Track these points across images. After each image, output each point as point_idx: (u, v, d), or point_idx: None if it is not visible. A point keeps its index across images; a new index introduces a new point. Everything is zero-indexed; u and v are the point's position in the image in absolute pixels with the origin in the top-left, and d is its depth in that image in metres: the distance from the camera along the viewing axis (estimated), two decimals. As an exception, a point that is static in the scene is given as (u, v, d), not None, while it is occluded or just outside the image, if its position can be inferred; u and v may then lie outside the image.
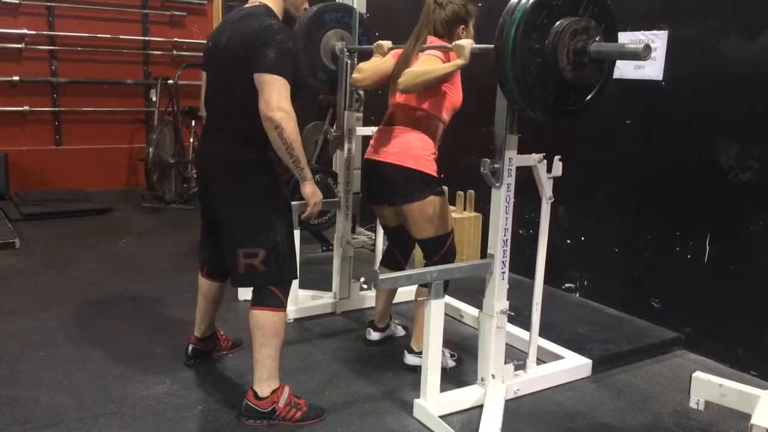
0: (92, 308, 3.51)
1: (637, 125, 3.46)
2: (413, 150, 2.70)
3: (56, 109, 6.39)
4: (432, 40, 2.73)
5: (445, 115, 2.76)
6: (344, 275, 3.57)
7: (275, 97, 2.18)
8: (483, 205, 4.15)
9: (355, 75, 2.91)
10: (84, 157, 6.49)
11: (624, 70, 3.43)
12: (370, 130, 3.60)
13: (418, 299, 2.82)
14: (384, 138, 2.79)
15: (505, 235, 2.50)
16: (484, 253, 2.64)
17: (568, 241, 3.80)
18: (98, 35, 6.40)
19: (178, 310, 3.44)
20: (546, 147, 2.65)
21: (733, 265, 3.05)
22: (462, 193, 4.31)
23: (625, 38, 3.41)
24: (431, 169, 2.72)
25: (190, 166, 6.55)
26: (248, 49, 2.24)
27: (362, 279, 3.69)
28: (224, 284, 2.75)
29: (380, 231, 3.78)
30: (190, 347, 2.85)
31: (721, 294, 3.09)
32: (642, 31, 3.35)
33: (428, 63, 2.61)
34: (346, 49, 3.34)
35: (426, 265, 2.81)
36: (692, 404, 2.40)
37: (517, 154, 2.45)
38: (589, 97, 2.37)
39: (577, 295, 3.81)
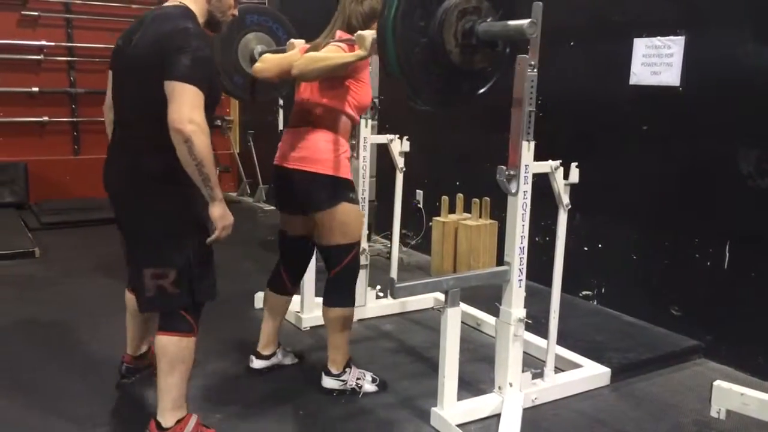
0: (112, 316, 3.52)
1: (654, 131, 3.43)
2: (321, 153, 2.53)
3: (75, 119, 6.47)
4: (342, 35, 2.58)
5: (351, 111, 2.59)
6: (360, 283, 3.56)
7: (186, 108, 1.95)
8: (498, 213, 4.14)
9: (257, 65, 2.70)
10: (102, 167, 6.54)
11: (641, 76, 3.42)
12: (385, 138, 3.62)
13: (330, 316, 2.68)
14: (291, 141, 2.60)
15: (521, 243, 2.49)
16: (500, 261, 2.62)
17: (585, 249, 3.78)
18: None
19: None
20: (562, 154, 2.64)
21: (753, 272, 3.01)
22: (477, 200, 4.31)
23: (641, 44, 3.41)
24: (342, 171, 2.56)
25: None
26: (160, 53, 2.00)
27: (378, 287, 3.68)
28: None
29: (396, 239, 3.77)
30: (124, 366, 2.70)
31: (742, 301, 3.05)
32: (658, 37, 3.33)
33: (329, 51, 2.46)
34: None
35: (327, 280, 2.68)
36: (713, 413, 2.36)
37: (534, 161, 2.44)
38: (486, 87, 2.27)
39: (595, 302, 3.78)
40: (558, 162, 2.58)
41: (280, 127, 6.12)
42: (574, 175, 2.62)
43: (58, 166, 6.36)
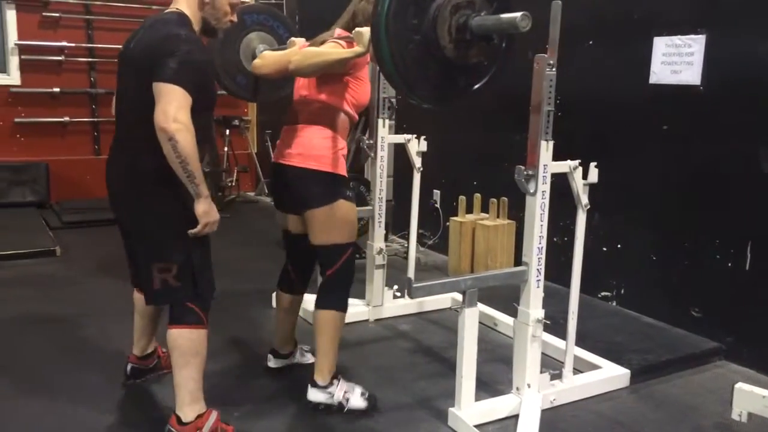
0: (131, 315, 3.55)
1: (674, 131, 3.40)
2: (316, 149, 2.49)
3: (95, 119, 6.54)
4: (341, 33, 2.53)
5: (349, 109, 2.54)
6: (377, 283, 3.57)
7: (172, 108, 2.01)
8: (516, 212, 4.12)
9: (255, 61, 2.68)
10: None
11: (660, 75, 3.39)
12: (402, 138, 3.62)
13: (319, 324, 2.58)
14: (287, 138, 2.57)
15: (540, 243, 2.48)
16: (518, 261, 2.61)
17: (604, 249, 3.75)
18: (135, 47, 6.53)
19: (214, 318, 3.47)
20: (580, 153, 2.62)
21: (776, 273, 2.98)
22: (495, 200, 4.29)
23: (661, 43, 3.37)
24: (338, 168, 2.51)
25: (225, 174, 6.64)
26: (151, 57, 2.09)
27: (395, 287, 3.68)
28: None
29: (413, 238, 3.77)
30: (129, 366, 2.73)
31: (764, 302, 3.01)
32: (678, 36, 3.30)
33: (327, 47, 2.43)
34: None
35: (321, 282, 2.61)
36: (734, 416, 2.33)
37: (552, 160, 2.42)
38: (483, 81, 2.25)
39: (614, 303, 3.75)
40: (577, 162, 2.56)
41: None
42: (593, 175, 2.60)
43: (79, 166, 6.43)
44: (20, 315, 3.56)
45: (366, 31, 2.28)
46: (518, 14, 2.00)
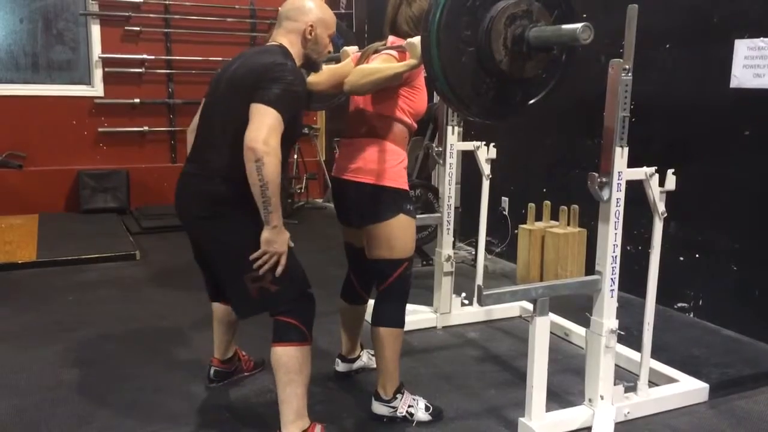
0: (205, 318, 3.67)
1: (756, 136, 3.26)
2: (375, 164, 2.43)
3: (172, 128, 6.80)
4: (394, 41, 2.48)
5: (406, 118, 2.49)
6: (445, 290, 3.57)
7: (265, 130, 2.02)
8: (587, 220, 4.04)
9: (310, 78, 2.62)
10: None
11: (742, 79, 3.27)
12: (471, 145, 3.60)
13: (379, 337, 2.50)
14: (346, 152, 2.53)
15: (614, 252, 2.42)
16: (590, 270, 2.56)
17: (681, 258, 3.62)
18: (210, 58, 6.75)
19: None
20: (656, 159, 2.56)
21: None
22: (565, 207, 4.22)
23: (743, 45, 3.25)
24: (399, 182, 2.45)
25: (294, 181, 6.78)
26: (254, 81, 2.11)
27: (463, 294, 3.67)
28: None
29: (482, 246, 3.75)
30: (212, 369, 2.81)
31: None
32: (761, 38, 3.17)
33: (380, 62, 2.37)
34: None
35: (376, 297, 2.55)
36: (824, 436, 2.22)
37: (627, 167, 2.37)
38: (540, 96, 2.13)
39: (691, 315, 3.62)
40: (653, 168, 2.49)
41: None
42: (671, 182, 2.53)
43: (157, 174, 6.69)
44: (104, 314, 3.73)
45: (419, 41, 2.21)
46: (579, 25, 1.90)
